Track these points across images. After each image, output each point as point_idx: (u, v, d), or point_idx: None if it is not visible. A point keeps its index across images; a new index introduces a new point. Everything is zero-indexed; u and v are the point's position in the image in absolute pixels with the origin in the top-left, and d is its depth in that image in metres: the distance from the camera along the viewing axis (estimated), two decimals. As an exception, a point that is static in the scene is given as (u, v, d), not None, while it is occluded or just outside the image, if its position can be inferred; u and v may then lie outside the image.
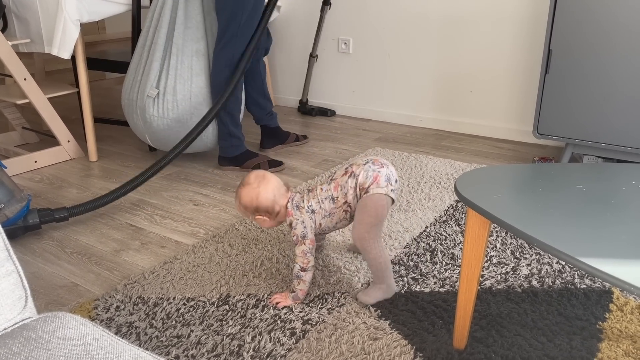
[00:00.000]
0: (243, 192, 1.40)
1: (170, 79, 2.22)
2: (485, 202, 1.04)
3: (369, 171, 1.34)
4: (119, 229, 1.88)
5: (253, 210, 1.40)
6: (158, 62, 2.24)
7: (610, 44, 2.02)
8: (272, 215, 1.41)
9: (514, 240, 1.71)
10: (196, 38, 2.25)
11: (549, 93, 2.19)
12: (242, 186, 1.41)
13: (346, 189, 1.36)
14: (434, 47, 2.84)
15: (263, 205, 1.38)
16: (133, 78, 2.33)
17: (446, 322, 1.32)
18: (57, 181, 2.31)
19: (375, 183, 1.33)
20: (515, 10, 2.57)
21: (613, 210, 1.01)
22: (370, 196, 1.33)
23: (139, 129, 2.37)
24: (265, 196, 1.38)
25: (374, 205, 1.33)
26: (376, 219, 1.34)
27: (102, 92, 3.84)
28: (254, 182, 1.39)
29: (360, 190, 1.35)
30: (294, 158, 2.54)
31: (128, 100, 2.34)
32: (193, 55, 2.25)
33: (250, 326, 1.33)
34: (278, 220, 1.44)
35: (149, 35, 2.29)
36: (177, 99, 2.22)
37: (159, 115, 2.24)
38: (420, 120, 2.99)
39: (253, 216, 1.42)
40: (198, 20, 2.25)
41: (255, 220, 1.43)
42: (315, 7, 3.11)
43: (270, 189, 1.39)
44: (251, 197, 1.39)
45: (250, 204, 1.39)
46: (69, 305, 1.43)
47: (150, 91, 2.22)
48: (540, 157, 2.47)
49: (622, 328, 1.29)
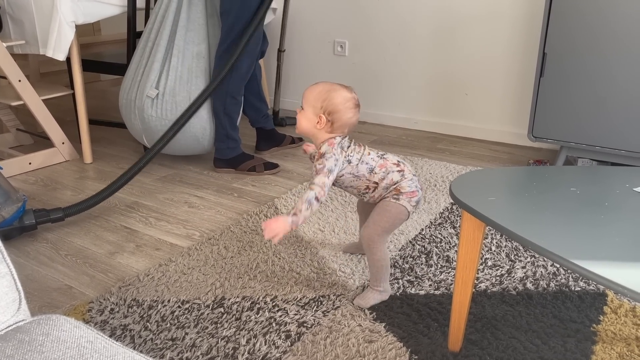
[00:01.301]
0: (325, 83, 1.38)
1: (170, 80, 2.22)
2: (480, 204, 1.04)
3: (413, 183, 1.37)
4: (113, 231, 1.87)
5: (320, 100, 1.35)
6: (159, 63, 2.25)
7: (604, 48, 2.03)
8: (322, 122, 1.34)
9: (509, 242, 1.71)
10: (197, 41, 2.26)
11: (544, 96, 2.20)
12: (325, 82, 1.39)
13: (387, 175, 1.36)
14: (430, 50, 2.85)
15: (330, 103, 1.33)
16: (132, 79, 2.33)
17: (441, 324, 1.33)
18: (52, 183, 2.30)
19: (408, 197, 1.36)
20: (510, 13, 2.58)
21: (607, 213, 1.02)
22: (398, 205, 1.35)
23: (136, 130, 2.37)
24: (338, 100, 1.34)
25: (397, 214, 1.36)
26: (391, 227, 1.38)
27: (97, 93, 3.83)
28: (335, 85, 1.37)
29: (394, 190, 1.36)
30: (289, 161, 2.54)
31: (126, 100, 2.34)
32: (193, 58, 2.25)
33: (245, 329, 1.33)
34: (317, 132, 1.37)
35: (150, 37, 2.30)
36: (176, 101, 2.22)
37: (157, 116, 2.24)
38: (415, 123, 3.00)
39: (313, 109, 1.36)
40: (200, 24, 2.26)
41: (301, 112, 1.39)
42: (315, 9, 3.11)
43: (342, 103, 1.34)
44: (328, 90, 1.35)
45: (322, 94, 1.35)
46: (63, 308, 1.43)
47: (150, 91, 2.22)
48: (535, 160, 2.48)
49: (616, 331, 1.30)
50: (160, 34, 2.26)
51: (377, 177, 1.36)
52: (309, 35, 3.24)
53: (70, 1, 2.25)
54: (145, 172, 2.40)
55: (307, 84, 3.62)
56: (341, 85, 1.38)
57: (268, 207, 2.01)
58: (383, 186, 1.37)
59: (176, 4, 2.26)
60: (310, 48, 3.26)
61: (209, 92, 2.14)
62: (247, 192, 2.19)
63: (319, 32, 3.19)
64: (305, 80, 3.32)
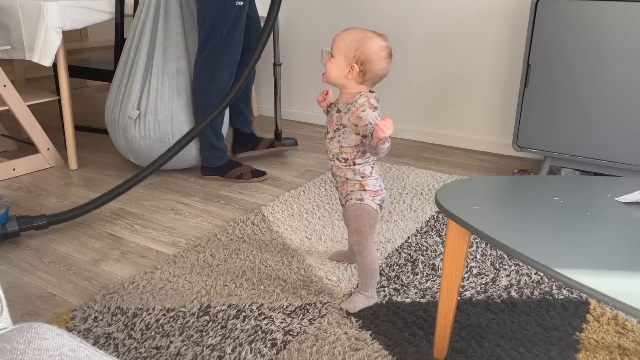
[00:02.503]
0: (358, 30, 1.31)
1: (151, 99, 2.21)
2: (465, 213, 1.05)
3: (377, 182, 1.38)
4: (98, 238, 1.86)
5: (354, 49, 1.28)
6: (139, 83, 2.23)
7: (587, 60, 2.06)
8: (355, 72, 1.28)
9: (494, 251, 1.73)
10: (176, 58, 2.25)
11: (528, 107, 2.23)
12: (359, 28, 1.32)
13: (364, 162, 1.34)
14: (417, 60, 2.88)
15: (364, 52, 1.27)
16: (115, 97, 2.32)
17: (427, 332, 1.33)
18: (36, 189, 2.28)
19: (371, 195, 1.37)
20: (495, 25, 2.62)
21: (589, 222, 1.03)
22: (364, 206, 1.36)
23: (122, 148, 2.37)
24: (373, 49, 1.27)
25: (367, 213, 1.37)
26: (371, 226, 1.39)
27: (83, 99, 3.81)
28: (369, 32, 1.30)
29: (358, 185, 1.36)
30: (277, 168, 2.54)
31: (110, 118, 2.33)
32: (174, 75, 2.24)
33: (231, 337, 1.32)
34: (347, 81, 1.31)
35: (130, 54, 2.28)
36: (158, 119, 2.22)
37: (141, 135, 2.23)
38: (402, 132, 3.02)
39: (345, 57, 1.29)
40: (178, 40, 2.25)
41: (331, 61, 1.32)
42: (301, 17, 3.13)
43: (376, 53, 1.28)
44: (362, 38, 1.28)
45: (356, 41, 1.28)
46: (46, 316, 1.41)
47: (132, 112, 2.21)
48: (520, 170, 2.51)
49: (598, 339, 1.31)
50: (138, 52, 2.25)
51: (358, 155, 1.34)
52: (296, 45, 3.25)
53: (58, 7, 2.24)
54: (132, 179, 2.39)
55: (294, 92, 3.67)
56: (374, 32, 1.31)
57: (255, 215, 2.00)
58: (354, 170, 1.35)
59: (152, 21, 2.24)
60: (298, 57, 3.28)
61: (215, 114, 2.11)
62: (234, 200, 2.18)
63: (306, 42, 3.21)
64: (292, 89, 3.33)
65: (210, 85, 2.18)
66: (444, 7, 2.72)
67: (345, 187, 1.39)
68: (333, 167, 1.40)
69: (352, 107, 1.31)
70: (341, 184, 1.40)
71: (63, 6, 2.26)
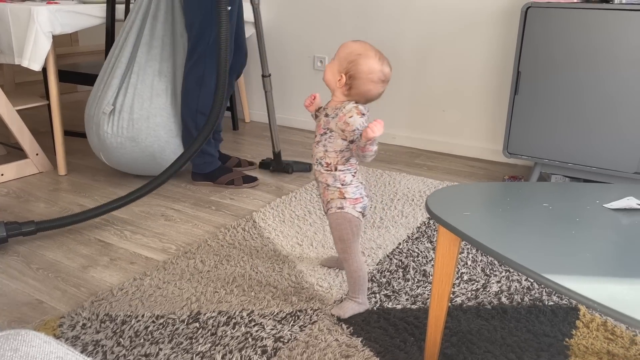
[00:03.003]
0: (363, 45, 1.31)
1: (128, 97, 2.19)
2: (455, 219, 1.05)
3: (358, 190, 1.38)
4: (87, 244, 1.84)
5: (347, 61, 1.29)
6: (118, 79, 2.21)
7: (576, 68, 2.09)
8: (342, 82, 1.30)
9: (485, 257, 1.73)
10: (160, 58, 2.23)
11: (518, 113, 2.24)
12: (365, 43, 1.32)
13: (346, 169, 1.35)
14: (409, 67, 2.89)
15: (355, 68, 1.29)
16: (95, 94, 2.30)
17: (417, 339, 1.33)
18: (24, 195, 2.26)
19: (352, 203, 1.36)
20: (486, 33, 2.64)
21: (578, 229, 1.04)
22: (344, 214, 1.36)
23: (94, 145, 2.33)
24: (363, 68, 1.28)
25: (349, 221, 1.36)
26: (354, 234, 1.38)
27: (73, 104, 3.78)
28: (371, 52, 1.30)
29: (338, 192, 1.36)
30: (268, 174, 2.53)
31: (88, 116, 2.31)
32: (155, 75, 2.22)
33: (221, 344, 1.31)
34: (336, 89, 1.33)
35: (114, 52, 2.27)
36: (133, 118, 2.19)
37: (113, 132, 2.20)
38: (394, 138, 3.03)
39: (339, 65, 1.31)
40: (165, 42, 2.23)
41: (330, 63, 1.34)
42: (292, 23, 3.14)
43: (365, 73, 1.29)
44: (359, 54, 1.29)
45: (352, 55, 1.29)
46: (33, 323, 1.39)
47: (105, 107, 2.18)
48: (510, 176, 2.52)
49: (588, 345, 1.32)
50: (122, 50, 2.24)
51: (342, 161, 1.35)
52: (288, 50, 3.26)
53: (48, 11, 2.23)
54: (121, 184, 2.38)
55: (286, 98, 3.66)
56: (378, 54, 1.31)
57: (246, 221, 2.00)
58: (334, 177, 1.35)
59: (140, 21, 2.24)
60: (290, 63, 3.28)
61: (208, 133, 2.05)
62: (225, 206, 2.17)
63: (298, 47, 3.22)
64: (284, 95, 3.33)
65: (199, 90, 2.18)
66: (436, 14, 2.74)
67: (326, 194, 1.39)
68: (316, 171, 1.41)
69: (339, 112, 1.32)
70: (322, 190, 1.40)
71: (53, 11, 2.25)
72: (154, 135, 2.20)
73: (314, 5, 3.10)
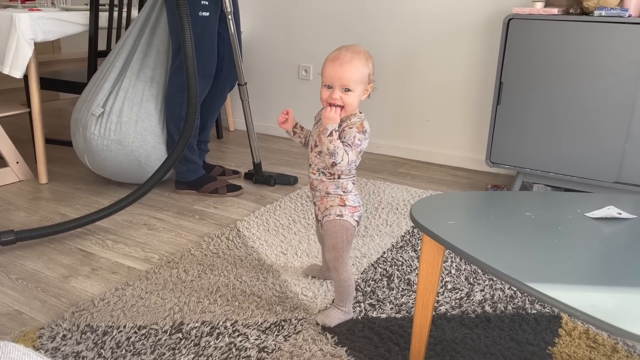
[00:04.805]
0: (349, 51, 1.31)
1: (118, 100, 2.19)
2: (439, 228, 1.06)
3: (357, 198, 1.40)
4: (68, 254, 1.81)
5: (367, 74, 1.31)
6: (110, 83, 2.21)
7: (557, 79, 2.12)
8: (357, 96, 1.30)
9: (468, 266, 1.74)
10: (154, 66, 2.24)
11: (501, 123, 2.27)
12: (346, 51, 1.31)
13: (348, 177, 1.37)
14: (392, 77, 2.92)
15: (373, 68, 1.32)
16: (85, 97, 2.29)
17: (402, 348, 1.33)
18: (4, 204, 2.22)
19: (351, 211, 1.37)
20: (468, 43, 2.67)
21: (560, 237, 1.05)
22: (343, 222, 1.36)
23: (79, 148, 2.30)
24: (371, 61, 1.32)
25: (346, 229, 1.37)
26: (347, 243, 1.39)
27: (55, 112, 3.74)
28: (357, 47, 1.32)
29: (339, 199, 1.37)
30: (252, 183, 2.52)
31: (75, 119, 2.29)
32: (147, 82, 2.23)
33: (204, 355, 1.29)
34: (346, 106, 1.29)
35: (109, 59, 2.28)
36: (121, 121, 2.18)
37: (100, 134, 2.18)
38: (378, 147, 3.05)
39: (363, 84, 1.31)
40: (160, 51, 2.25)
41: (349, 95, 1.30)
42: (277, 32, 3.15)
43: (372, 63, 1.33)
44: (365, 59, 1.30)
45: (364, 66, 1.29)
46: (12, 334, 1.36)
47: (95, 109, 2.17)
48: (493, 185, 2.54)
49: (570, 353, 1.33)
50: (117, 56, 2.25)
51: (346, 169, 1.35)
52: (273, 59, 3.27)
53: (30, 18, 2.20)
54: (103, 193, 2.35)
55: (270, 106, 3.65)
56: (353, 46, 1.33)
57: (230, 230, 1.98)
58: (337, 184, 1.36)
59: (139, 30, 2.26)
60: (275, 72, 3.29)
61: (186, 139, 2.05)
62: (208, 214, 2.16)
63: (283, 57, 3.22)
64: (268, 103, 3.33)
65: (182, 96, 2.17)
66: (419, 25, 2.77)
67: (324, 202, 1.39)
68: (314, 180, 1.40)
69: (343, 123, 1.33)
70: (320, 198, 1.40)
71: (35, 18, 2.23)
72: (140, 139, 2.19)
73: (299, 15, 3.11)
